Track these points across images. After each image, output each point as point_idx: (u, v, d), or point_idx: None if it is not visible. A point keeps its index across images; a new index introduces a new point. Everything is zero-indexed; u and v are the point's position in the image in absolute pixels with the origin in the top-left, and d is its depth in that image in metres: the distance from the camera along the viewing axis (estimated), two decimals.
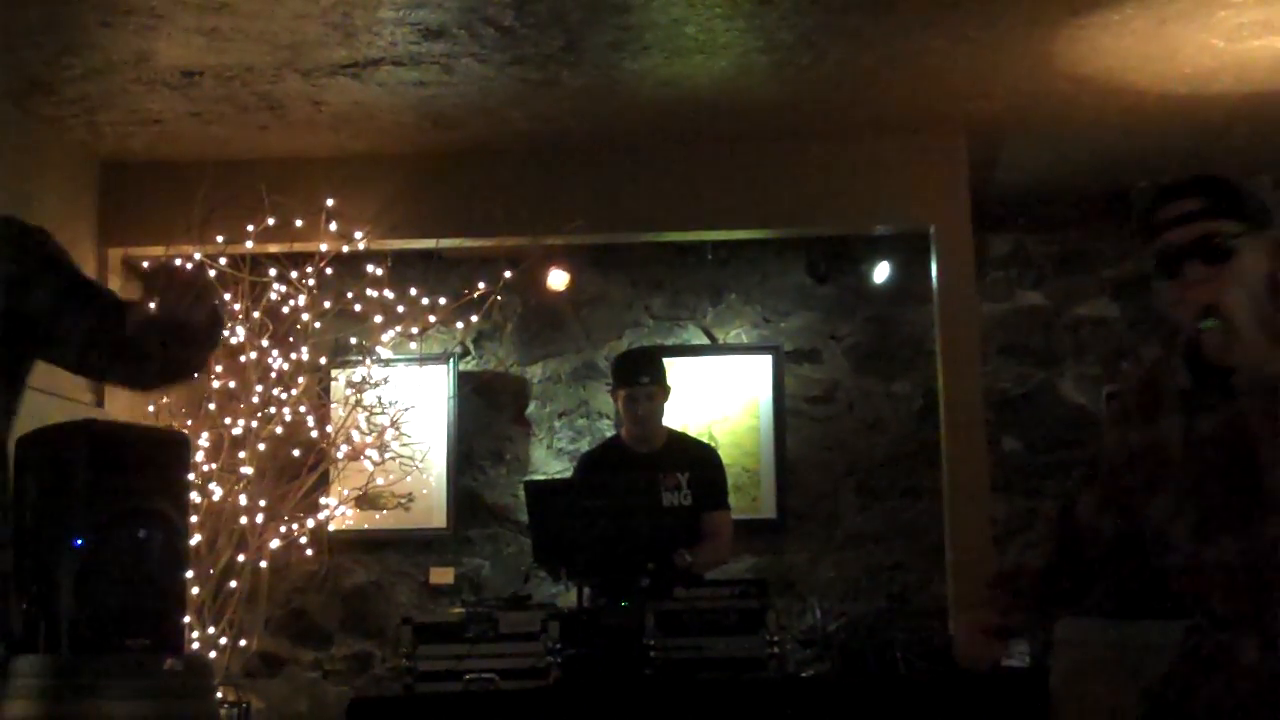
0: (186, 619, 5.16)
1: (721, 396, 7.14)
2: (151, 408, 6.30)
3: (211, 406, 6.19)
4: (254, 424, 6.14)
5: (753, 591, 4.40)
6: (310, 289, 6.25)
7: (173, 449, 4.71)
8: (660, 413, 5.29)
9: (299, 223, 6.13)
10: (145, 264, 6.49)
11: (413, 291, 6.54)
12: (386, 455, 6.59)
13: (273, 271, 6.22)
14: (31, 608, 4.90)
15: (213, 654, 5.92)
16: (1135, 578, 2.70)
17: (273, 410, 6.18)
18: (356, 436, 6.45)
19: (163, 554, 4.40)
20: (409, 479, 6.82)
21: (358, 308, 6.46)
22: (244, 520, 6.12)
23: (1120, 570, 2.70)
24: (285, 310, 6.23)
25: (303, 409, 6.29)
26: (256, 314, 6.20)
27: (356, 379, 6.45)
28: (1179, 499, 2.47)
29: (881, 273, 7.08)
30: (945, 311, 6.30)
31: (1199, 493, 2.44)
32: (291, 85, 5.56)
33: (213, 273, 6.12)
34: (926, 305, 6.62)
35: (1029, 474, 7.03)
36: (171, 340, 2.53)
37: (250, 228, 6.02)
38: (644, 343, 7.16)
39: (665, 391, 5.31)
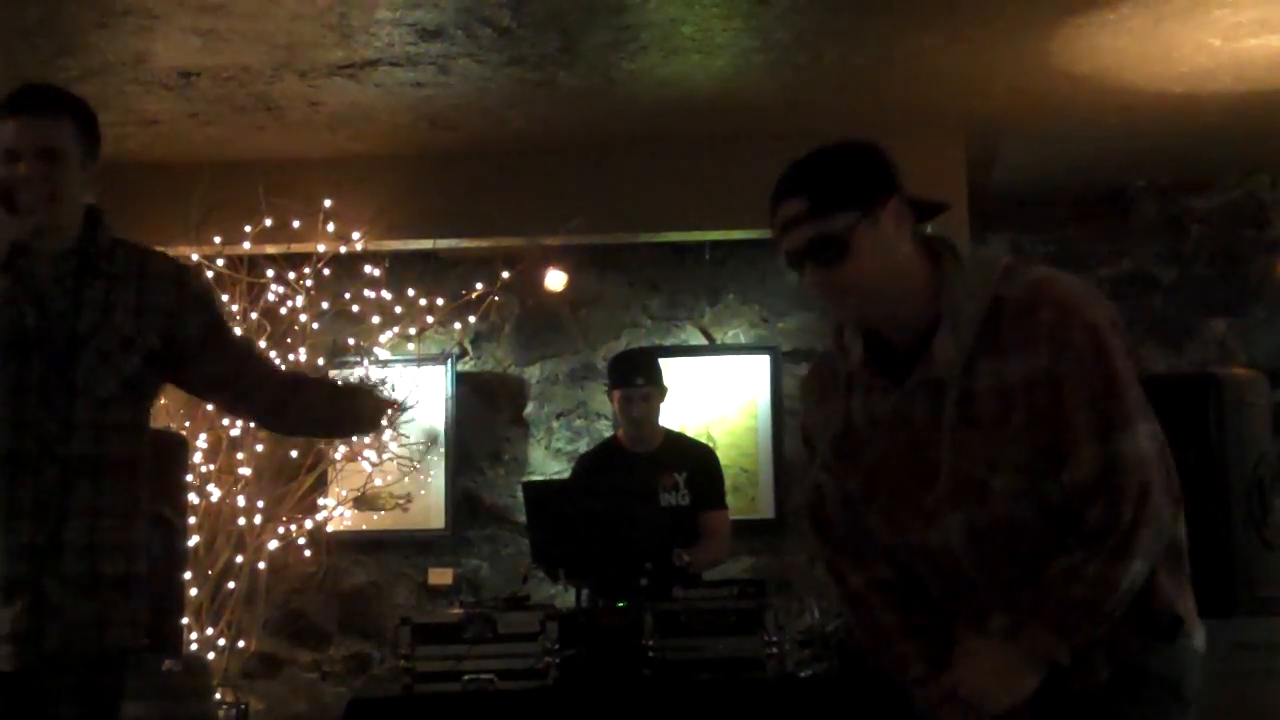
0: (185, 620, 5.16)
1: (719, 397, 7.13)
2: None
3: (209, 407, 6.18)
4: (252, 425, 6.14)
5: (751, 591, 4.40)
6: (308, 290, 6.25)
7: (171, 450, 4.71)
8: (656, 414, 5.29)
9: (296, 223, 6.13)
10: None
11: (410, 292, 6.55)
12: (385, 456, 6.59)
13: (270, 272, 6.22)
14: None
15: (211, 655, 5.92)
16: None
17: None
18: (354, 437, 6.45)
19: (161, 555, 4.40)
20: (407, 480, 6.81)
21: (355, 308, 6.46)
22: (242, 521, 6.12)
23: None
24: (283, 311, 6.23)
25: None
26: (254, 315, 6.20)
27: (354, 379, 6.44)
28: (860, 479, 2.45)
29: None
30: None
31: (874, 477, 2.41)
32: (288, 86, 5.56)
33: (210, 274, 6.12)
34: None
35: None
36: (336, 426, 3.06)
37: (248, 228, 6.02)
38: (642, 343, 7.16)
39: (661, 392, 5.30)
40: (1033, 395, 2.24)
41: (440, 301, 6.57)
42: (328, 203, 6.18)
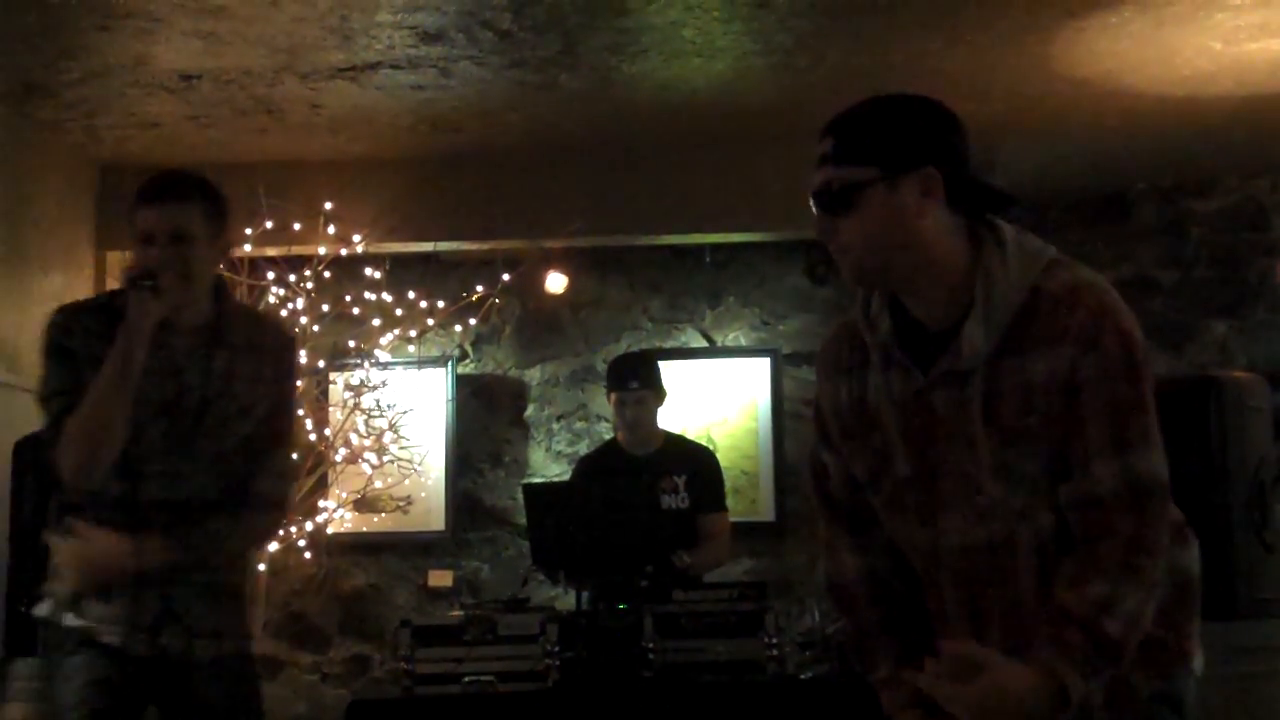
0: None
1: (720, 399, 7.14)
2: None
3: None
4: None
5: (751, 594, 4.40)
6: (309, 292, 6.25)
7: None
8: (652, 417, 5.28)
9: (297, 226, 6.13)
10: None
11: (411, 294, 6.55)
12: (385, 458, 6.59)
13: (271, 275, 6.22)
14: (29, 610, 4.89)
15: None
16: None
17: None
18: (355, 439, 6.45)
19: None
20: (407, 482, 6.81)
21: (356, 311, 6.46)
22: None
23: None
24: (284, 313, 6.23)
25: (301, 412, 6.28)
26: None
27: (355, 382, 6.45)
28: (867, 462, 2.33)
29: None
30: None
31: (881, 463, 2.29)
32: (289, 89, 5.57)
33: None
34: None
35: None
36: None
37: (248, 231, 6.01)
38: (643, 345, 7.16)
39: (658, 396, 5.30)
40: (1050, 398, 2.13)
41: (441, 304, 6.57)
42: (328, 205, 6.19)
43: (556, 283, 6.96)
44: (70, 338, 3.09)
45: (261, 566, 6.17)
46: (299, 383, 3.61)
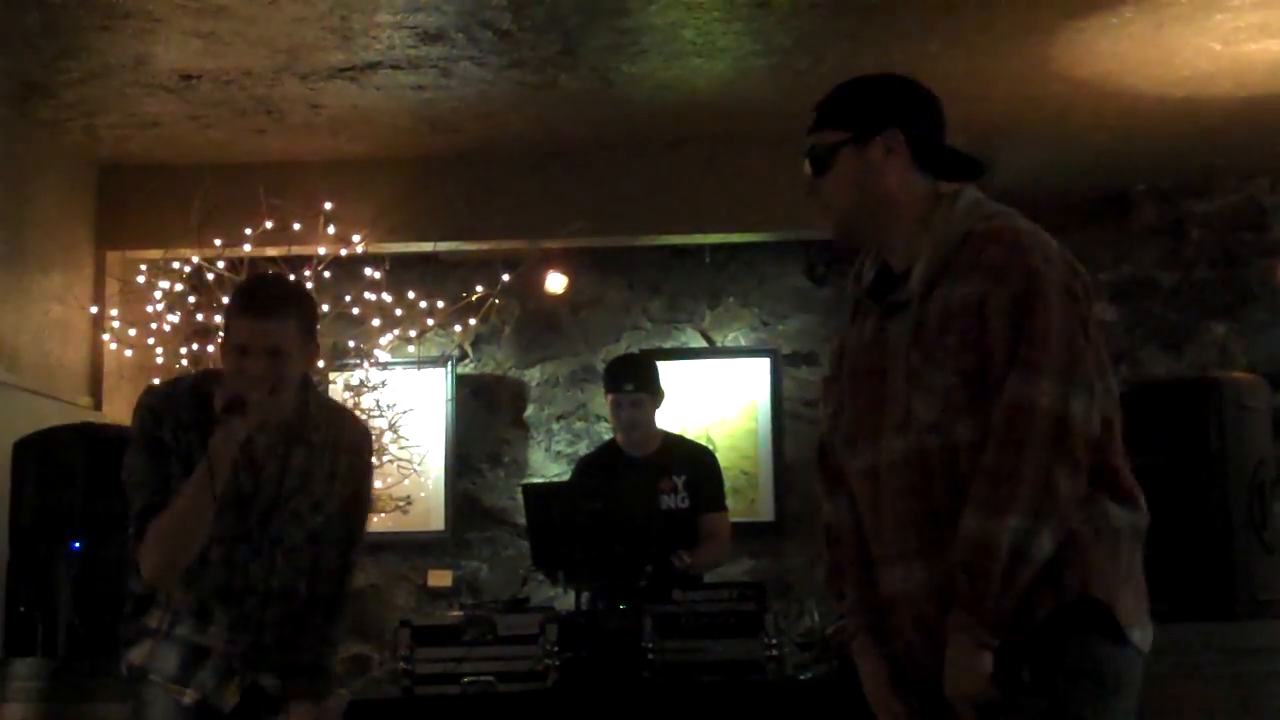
0: None
1: (720, 399, 7.14)
2: None
3: None
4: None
5: (751, 594, 4.39)
6: (308, 292, 6.24)
7: None
8: (647, 419, 5.27)
9: (297, 226, 6.13)
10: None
11: (411, 295, 6.54)
12: (385, 458, 6.59)
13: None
14: (29, 610, 4.89)
15: None
16: None
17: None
18: None
19: None
20: (407, 482, 6.80)
21: (356, 311, 6.45)
22: None
23: None
24: None
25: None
26: None
27: (355, 382, 6.44)
28: (834, 408, 2.59)
29: None
30: None
31: (852, 399, 2.52)
32: (289, 89, 5.57)
33: (210, 276, 6.13)
34: None
35: None
36: None
37: (248, 231, 6.01)
38: (642, 345, 7.16)
39: (654, 398, 5.29)
40: (964, 318, 2.31)
41: (441, 304, 6.57)
42: (328, 205, 6.18)
43: (556, 283, 6.96)
44: (160, 428, 3.17)
45: None
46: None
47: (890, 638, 2.47)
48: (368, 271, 6.42)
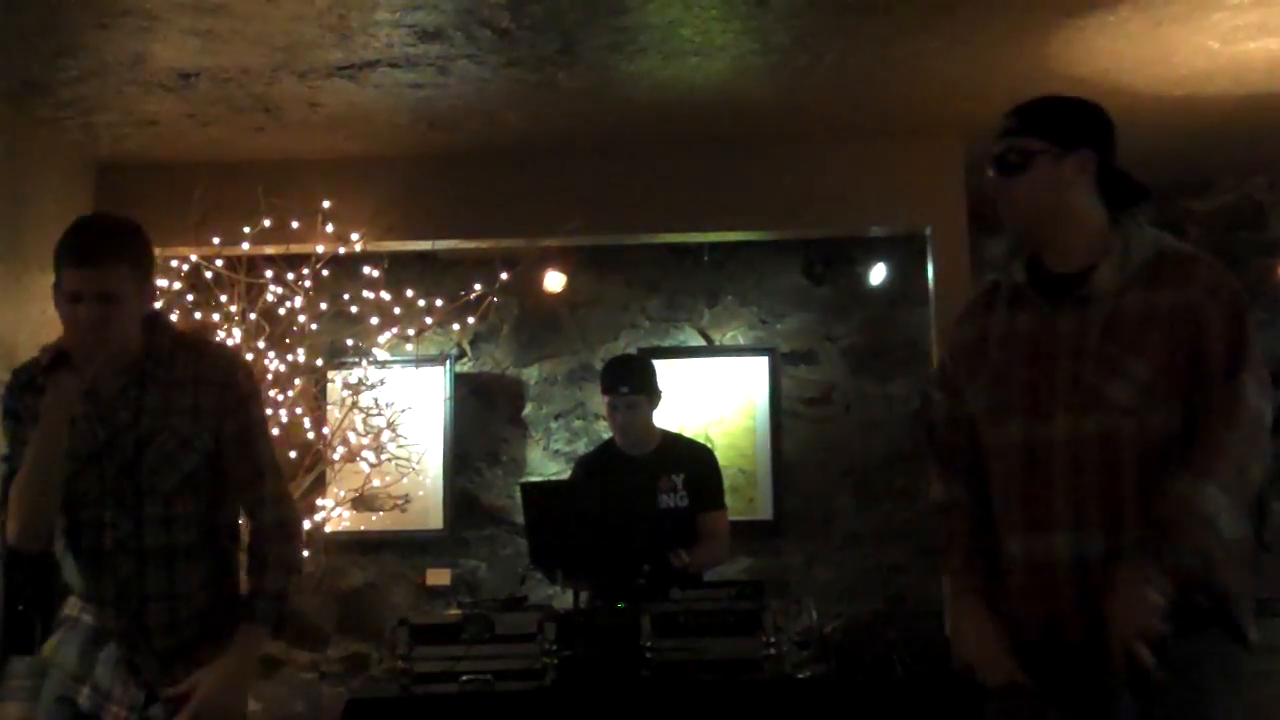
0: None
1: (718, 398, 7.14)
2: None
3: None
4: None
5: (749, 593, 4.40)
6: (306, 291, 6.24)
7: None
8: (643, 420, 5.27)
9: (295, 224, 6.13)
10: None
11: (409, 293, 6.54)
12: (383, 457, 6.59)
13: (269, 273, 6.22)
14: (27, 609, 4.90)
15: None
16: None
17: (269, 412, 6.17)
18: (353, 438, 6.45)
19: None
20: (405, 480, 6.82)
21: (354, 309, 6.45)
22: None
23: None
24: (281, 312, 6.23)
25: (299, 410, 6.29)
26: (253, 316, 6.20)
27: (353, 380, 6.44)
28: (984, 385, 2.82)
29: (878, 274, 7.09)
30: (942, 313, 6.30)
31: (1001, 379, 2.78)
32: (287, 87, 5.56)
33: (209, 274, 6.12)
34: (923, 307, 6.62)
35: None
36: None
37: (246, 229, 6.01)
38: (641, 344, 7.17)
39: (651, 399, 5.28)
40: (1173, 321, 2.63)
41: (439, 302, 6.57)
42: (326, 204, 6.18)
43: (554, 281, 6.96)
44: (14, 399, 3.14)
45: None
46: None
47: (1028, 599, 2.70)
48: (366, 270, 6.42)
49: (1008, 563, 2.75)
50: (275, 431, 6.18)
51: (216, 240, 6.10)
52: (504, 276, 6.47)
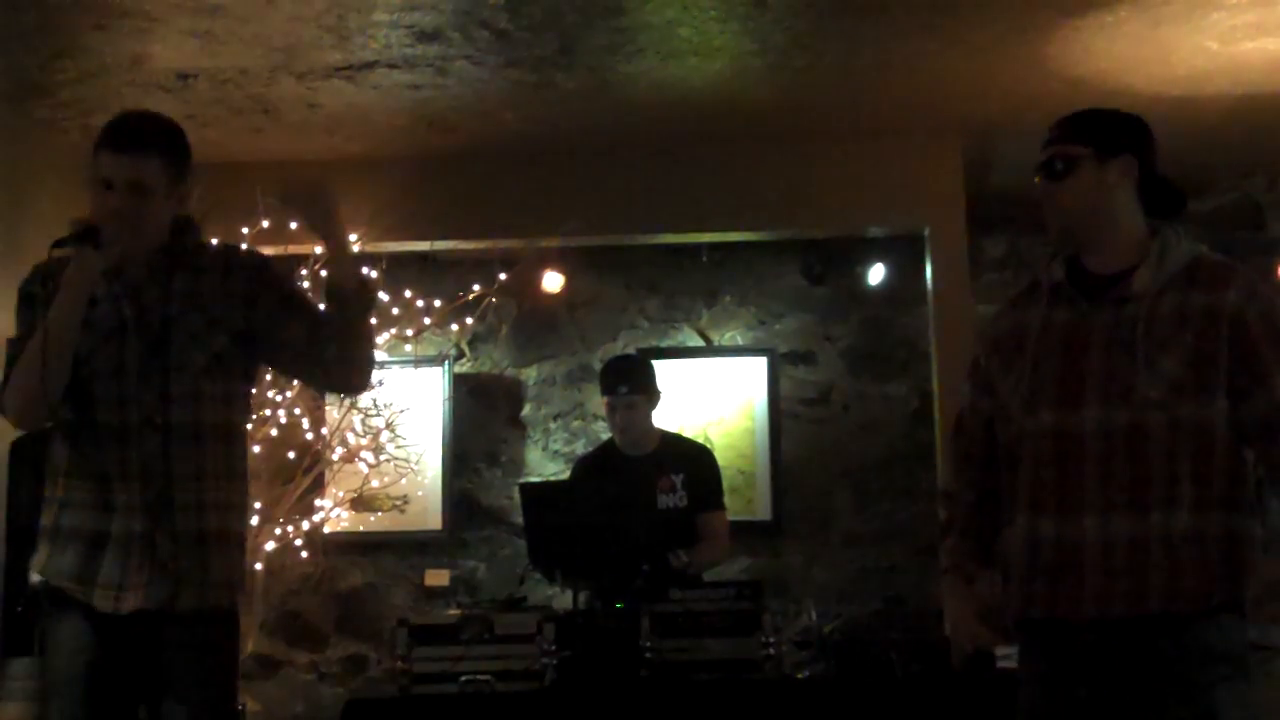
0: None
1: (717, 398, 7.14)
2: None
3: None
4: (249, 426, 6.13)
5: (748, 593, 4.40)
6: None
7: None
8: (642, 420, 5.27)
9: (294, 225, 6.12)
10: None
11: (407, 294, 6.54)
12: (382, 457, 6.59)
13: None
14: (26, 610, 4.89)
15: None
16: None
17: (268, 412, 6.17)
18: (352, 439, 6.45)
19: None
20: (404, 481, 6.82)
21: None
22: None
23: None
24: None
25: (297, 411, 6.29)
26: None
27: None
28: (1020, 374, 2.96)
29: (876, 275, 7.09)
30: (940, 313, 6.31)
31: (1034, 370, 2.93)
32: (286, 88, 5.57)
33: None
34: (921, 307, 6.63)
35: None
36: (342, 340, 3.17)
37: (245, 230, 6.01)
38: (639, 344, 7.17)
39: (650, 400, 5.28)
40: (1207, 322, 2.78)
41: (437, 303, 6.57)
42: None
43: (553, 282, 6.96)
44: (34, 284, 3.12)
45: (259, 565, 6.17)
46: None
47: (1052, 576, 2.85)
48: (364, 270, 6.41)
49: (1031, 542, 2.88)
50: (274, 432, 6.20)
51: (215, 241, 6.08)
52: (502, 277, 6.48)
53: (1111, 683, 2.80)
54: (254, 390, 3.35)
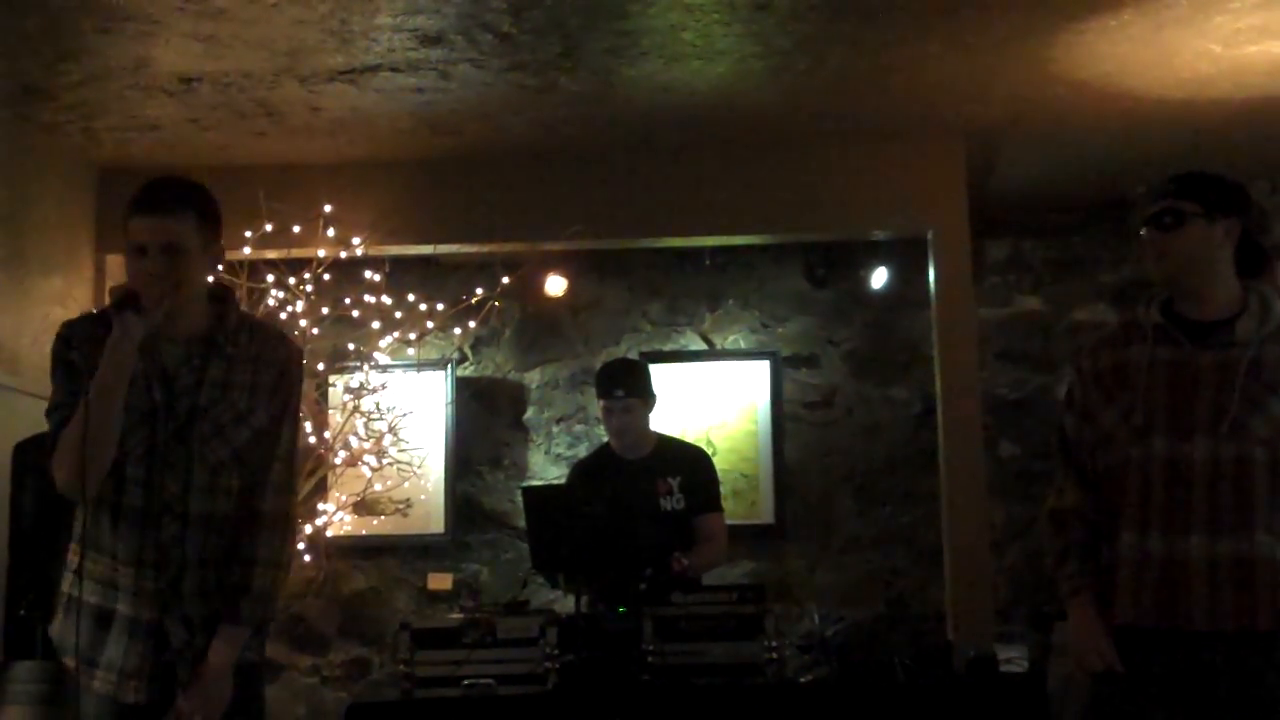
0: None
1: (720, 402, 7.14)
2: None
3: None
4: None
5: (751, 597, 4.40)
6: (308, 295, 6.25)
7: None
8: (638, 423, 5.25)
9: (297, 229, 6.13)
10: None
11: (410, 297, 6.55)
12: (384, 461, 6.59)
13: (270, 278, 6.22)
14: (29, 614, 4.90)
15: None
16: None
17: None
18: (354, 442, 6.45)
19: None
20: (407, 484, 6.82)
21: (355, 314, 6.46)
22: None
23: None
24: (283, 316, 6.23)
25: (300, 415, 6.28)
26: None
27: (354, 385, 6.45)
28: (1128, 406, 3.18)
29: (879, 278, 7.09)
30: (943, 316, 6.31)
31: (1145, 402, 3.15)
32: (289, 91, 5.57)
33: (210, 279, 6.11)
34: (924, 310, 6.62)
35: (1026, 479, 7.03)
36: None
37: (248, 233, 6.01)
38: (642, 348, 7.17)
39: (645, 403, 5.27)
40: None
41: (440, 306, 6.57)
42: (328, 208, 6.18)
43: (556, 285, 6.96)
44: (70, 350, 3.11)
45: None
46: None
47: (1160, 591, 3.08)
48: (367, 274, 6.42)
49: (1138, 559, 3.12)
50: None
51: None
52: (505, 281, 6.47)
53: (1209, 694, 3.04)
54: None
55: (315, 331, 6.31)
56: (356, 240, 6.23)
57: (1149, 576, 3.10)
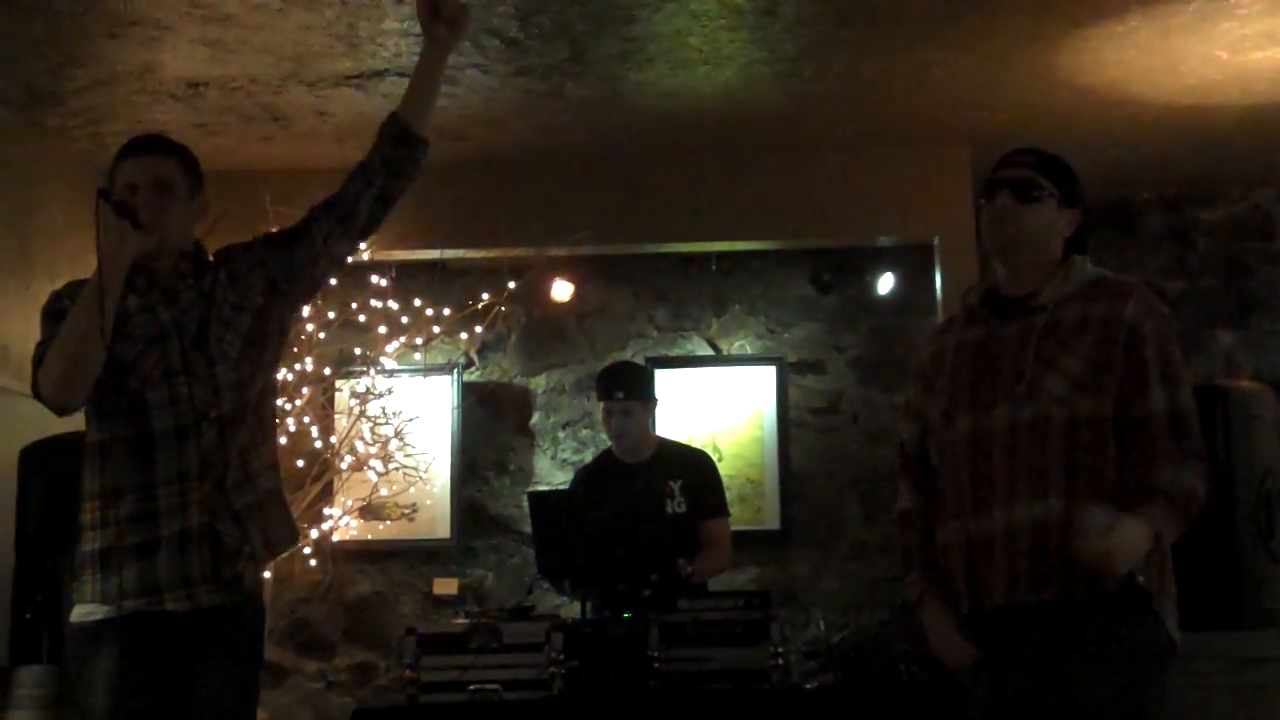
0: None
1: (725, 407, 7.13)
2: None
3: None
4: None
5: (756, 603, 4.40)
6: (314, 300, 6.24)
7: None
8: (638, 426, 5.24)
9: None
10: None
11: (417, 302, 6.55)
12: (390, 466, 6.59)
13: None
14: (34, 618, 4.90)
15: None
16: None
17: (276, 421, 6.16)
18: (360, 447, 6.45)
19: None
20: (413, 490, 6.81)
21: (362, 318, 6.46)
22: None
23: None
24: None
25: (307, 420, 6.29)
26: None
27: (361, 390, 6.45)
28: (938, 392, 3.18)
29: (885, 284, 7.08)
30: None
31: (951, 384, 3.15)
32: (296, 96, 5.58)
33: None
34: (931, 317, 6.62)
35: None
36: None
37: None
38: (648, 353, 7.16)
39: (646, 405, 5.26)
40: (1106, 328, 2.99)
41: (447, 312, 6.57)
42: None
43: (562, 290, 6.96)
44: (61, 300, 3.21)
45: (267, 574, 6.17)
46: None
47: (970, 573, 3.04)
48: (374, 279, 6.43)
49: (955, 544, 3.08)
50: (283, 440, 6.19)
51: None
52: (512, 286, 6.47)
53: (1028, 669, 2.95)
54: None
55: (322, 336, 6.31)
56: (362, 245, 6.22)
57: (961, 563, 3.05)
